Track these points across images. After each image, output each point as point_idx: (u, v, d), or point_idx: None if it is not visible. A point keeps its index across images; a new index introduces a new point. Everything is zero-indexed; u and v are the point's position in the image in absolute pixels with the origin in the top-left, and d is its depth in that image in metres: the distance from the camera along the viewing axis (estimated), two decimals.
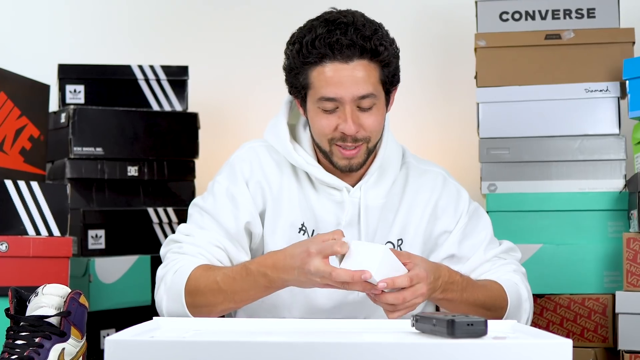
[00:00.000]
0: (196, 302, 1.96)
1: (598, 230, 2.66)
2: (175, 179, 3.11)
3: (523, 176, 2.72)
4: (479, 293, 2.00)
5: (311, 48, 1.98)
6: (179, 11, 3.53)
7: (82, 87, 3.02)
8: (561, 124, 2.70)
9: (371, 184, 2.13)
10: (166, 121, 3.08)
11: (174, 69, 3.12)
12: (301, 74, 2.02)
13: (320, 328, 1.76)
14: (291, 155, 2.11)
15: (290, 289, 2.05)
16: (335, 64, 1.97)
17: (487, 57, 2.75)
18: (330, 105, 2.00)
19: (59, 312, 1.71)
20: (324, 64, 1.98)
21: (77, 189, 2.91)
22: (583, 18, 2.72)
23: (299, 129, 2.16)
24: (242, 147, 2.20)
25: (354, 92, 1.98)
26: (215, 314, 1.97)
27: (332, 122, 2.02)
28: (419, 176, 2.19)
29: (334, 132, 2.02)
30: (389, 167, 2.16)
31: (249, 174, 2.12)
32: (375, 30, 1.99)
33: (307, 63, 1.99)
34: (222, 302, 1.95)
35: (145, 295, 2.92)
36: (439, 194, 2.17)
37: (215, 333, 1.70)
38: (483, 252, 2.15)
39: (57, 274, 2.41)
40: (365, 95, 1.99)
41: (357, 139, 2.02)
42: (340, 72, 1.97)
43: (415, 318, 1.63)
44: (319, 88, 2.00)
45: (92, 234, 2.90)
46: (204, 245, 2.06)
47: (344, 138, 2.02)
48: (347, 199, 2.11)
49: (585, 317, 2.64)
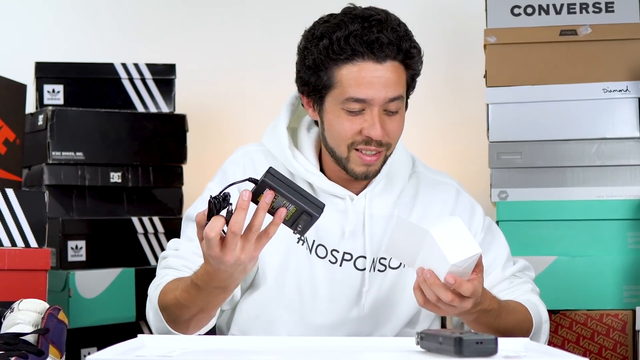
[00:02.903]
0: (170, 317, 1.97)
1: (617, 241, 2.66)
2: (161, 186, 3.11)
3: (536, 183, 2.72)
4: (510, 318, 2.01)
5: (344, 44, 1.97)
6: (165, 5, 3.54)
7: (61, 87, 3.02)
8: (577, 127, 2.71)
9: (377, 193, 2.14)
10: (152, 123, 3.08)
11: (161, 67, 3.12)
12: (326, 71, 2.01)
13: (317, 346, 1.75)
14: (290, 162, 2.11)
15: (285, 304, 2.06)
16: (368, 64, 1.98)
17: (497, 55, 2.76)
18: (357, 106, 2.00)
19: (36, 330, 1.71)
20: (355, 62, 1.98)
21: (55, 197, 2.91)
22: (601, 12, 2.73)
23: (300, 133, 2.16)
24: (237, 151, 2.21)
25: (385, 95, 1.99)
26: (193, 326, 1.97)
27: (357, 125, 2.02)
28: (431, 187, 2.20)
29: (357, 135, 2.02)
30: (396, 176, 2.17)
31: None
32: (407, 31, 2.02)
33: (336, 60, 1.99)
34: (190, 315, 1.94)
35: (129, 310, 2.91)
36: (452, 208, 2.19)
37: (204, 352, 1.69)
38: (501, 269, 2.16)
39: (34, 288, 2.40)
40: (395, 98, 2.01)
41: (381, 143, 2.03)
42: (373, 72, 1.98)
43: (420, 336, 1.63)
44: (347, 88, 2.00)
45: (72, 245, 2.90)
46: (188, 257, 2.07)
47: (367, 142, 2.02)
48: (351, 208, 2.11)
49: (603, 334, 2.64)
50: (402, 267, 2.13)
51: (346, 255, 2.12)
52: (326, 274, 2.11)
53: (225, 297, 1.90)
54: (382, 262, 2.13)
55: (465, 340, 1.51)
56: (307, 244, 2.11)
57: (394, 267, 2.14)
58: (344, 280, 2.12)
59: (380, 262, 2.13)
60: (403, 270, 2.14)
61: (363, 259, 2.12)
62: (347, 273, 2.12)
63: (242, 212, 1.69)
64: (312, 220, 1.75)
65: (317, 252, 2.11)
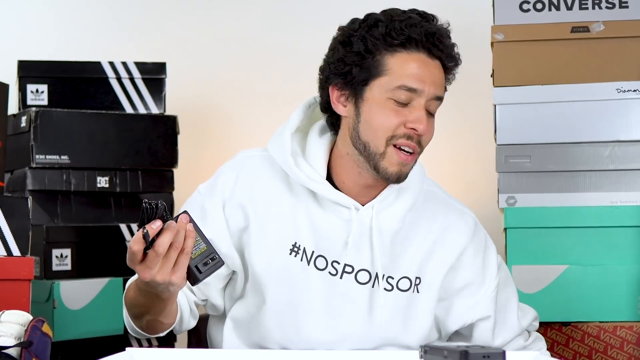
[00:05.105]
0: (131, 314, 2.10)
1: (631, 249, 2.66)
2: (151, 191, 3.10)
3: (546, 188, 2.72)
4: None
5: (404, 28, 2.03)
6: (155, 0, 3.54)
7: (46, 87, 3.03)
8: (589, 129, 2.71)
9: (385, 205, 2.14)
10: (141, 125, 3.08)
11: (150, 66, 3.13)
12: (376, 58, 2.05)
13: None
14: (291, 169, 2.11)
15: (279, 319, 2.07)
16: (422, 56, 2.05)
17: (505, 53, 2.76)
18: (406, 96, 2.04)
19: (19, 343, 1.71)
20: (410, 52, 2.05)
21: (39, 203, 2.91)
22: (614, 8, 2.73)
23: (311, 138, 2.16)
24: (236, 155, 2.23)
25: (434, 90, 2.06)
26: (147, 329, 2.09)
27: (402, 116, 2.04)
28: (446, 212, 2.22)
29: (399, 128, 2.05)
30: (408, 190, 2.17)
31: (230, 193, 2.14)
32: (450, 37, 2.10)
33: (392, 46, 2.04)
34: (140, 314, 2.06)
35: (117, 323, 2.91)
36: (468, 242, 2.21)
37: None
38: (517, 319, 2.23)
39: (16, 299, 2.40)
40: (439, 97, 2.07)
41: (420, 141, 2.07)
42: (425, 65, 2.05)
43: (424, 349, 1.63)
44: (400, 75, 2.04)
45: (57, 253, 2.90)
46: None
47: (410, 136, 2.04)
48: (355, 218, 2.11)
49: (617, 348, 2.64)
50: (411, 290, 2.14)
51: (347, 268, 2.11)
52: (325, 287, 2.11)
53: (164, 306, 2.00)
54: (390, 281, 2.13)
55: (471, 354, 1.51)
56: (303, 255, 2.11)
57: (403, 289, 2.14)
58: (344, 294, 2.11)
59: (387, 281, 2.13)
60: (412, 295, 2.14)
61: (365, 272, 2.12)
62: (348, 286, 2.12)
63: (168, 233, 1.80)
64: (216, 265, 1.84)
65: (316, 263, 2.11)
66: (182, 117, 3.17)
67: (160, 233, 1.80)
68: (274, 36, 3.43)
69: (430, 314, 2.16)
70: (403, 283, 2.13)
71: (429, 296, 2.15)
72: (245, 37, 3.47)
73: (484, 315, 2.20)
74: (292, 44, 3.43)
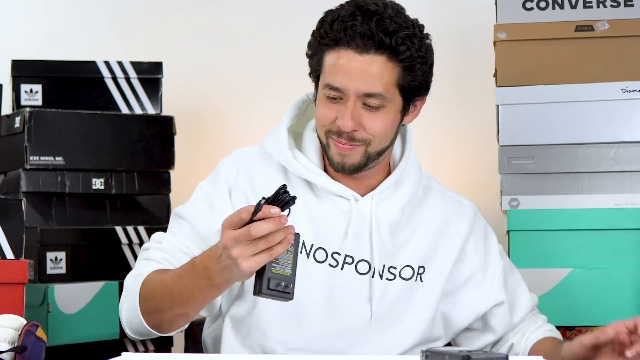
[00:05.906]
0: (148, 308, 2.02)
1: (636, 252, 2.66)
2: (147, 193, 3.11)
3: (550, 190, 2.72)
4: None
5: (329, 30, 2.06)
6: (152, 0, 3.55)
7: (40, 87, 3.02)
8: (594, 130, 2.71)
9: (384, 197, 2.17)
10: (137, 126, 3.08)
11: (146, 65, 3.13)
12: (317, 55, 2.10)
13: None
14: (290, 162, 2.15)
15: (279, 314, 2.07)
16: (349, 53, 2.05)
17: (508, 52, 2.76)
18: (334, 94, 2.07)
19: (12, 347, 1.71)
20: (339, 50, 2.06)
21: (33, 205, 2.91)
22: (619, 7, 2.73)
23: (306, 135, 2.21)
24: (233, 152, 2.26)
25: (360, 88, 2.04)
26: (167, 324, 2.02)
27: (333, 112, 2.08)
28: (445, 203, 2.26)
29: (332, 124, 2.09)
30: (406, 183, 2.21)
31: (234, 182, 2.18)
32: (403, 27, 2.05)
33: (323, 45, 2.08)
34: (170, 306, 1.98)
35: (113, 327, 2.91)
36: (468, 233, 2.25)
37: None
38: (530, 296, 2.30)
39: (10, 303, 2.40)
40: (371, 94, 2.05)
41: (353, 137, 2.07)
42: (351, 62, 2.04)
43: (426, 354, 1.63)
44: (327, 73, 2.07)
45: (51, 256, 2.90)
46: (170, 251, 2.13)
47: (339, 133, 2.08)
48: (355, 209, 2.14)
49: None
50: (414, 279, 2.16)
51: (347, 259, 2.14)
52: (325, 279, 2.13)
53: (207, 296, 1.95)
54: (392, 270, 2.15)
55: (473, 358, 1.51)
56: (304, 248, 2.12)
57: (405, 277, 2.16)
58: (345, 285, 2.13)
59: (389, 271, 2.15)
60: (415, 283, 2.17)
61: (365, 263, 2.14)
62: (349, 278, 2.14)
63: (272, 223, 1.74)
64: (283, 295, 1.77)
65: (316, 256, 2.13)
66: (178, 118, 3.17)
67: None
68: (271, 37, 3.43)
69: (432, 305, 2.18)
70: (406, 272, 2.17)
71: (432, 287, 2.18)
72: (243, 37, 3.47)
73: (498, 301, 2.24)
74: (291, 44, 3.42)
